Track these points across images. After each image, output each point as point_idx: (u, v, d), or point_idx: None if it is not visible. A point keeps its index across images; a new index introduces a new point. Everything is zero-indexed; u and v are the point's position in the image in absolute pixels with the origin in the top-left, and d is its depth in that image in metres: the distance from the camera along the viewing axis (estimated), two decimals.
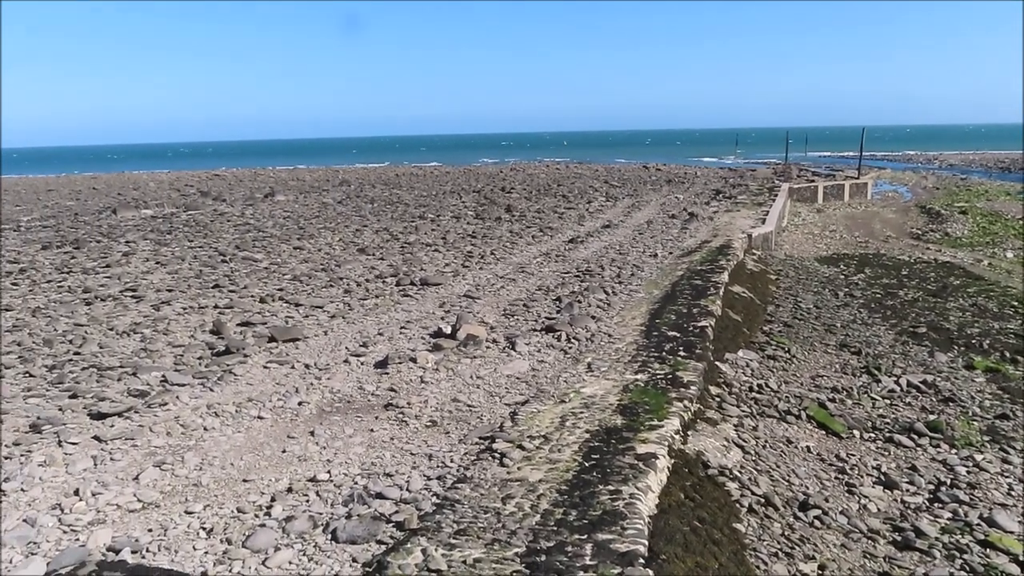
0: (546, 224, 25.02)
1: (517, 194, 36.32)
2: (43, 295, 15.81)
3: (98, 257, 20.45)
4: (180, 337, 12.33)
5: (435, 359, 10.47)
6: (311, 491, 6.76)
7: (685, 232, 22.22)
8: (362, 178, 53.73)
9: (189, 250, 21.32)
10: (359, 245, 21.49)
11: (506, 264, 18.05)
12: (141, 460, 7.59)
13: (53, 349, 11.72)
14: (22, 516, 6.48)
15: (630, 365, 9.66)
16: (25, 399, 9.49)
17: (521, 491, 6.26)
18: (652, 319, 12.00)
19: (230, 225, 27.02)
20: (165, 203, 36.30)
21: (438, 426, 8.23)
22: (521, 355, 10.62)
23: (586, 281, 15.44)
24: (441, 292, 15.14)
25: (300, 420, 8.61)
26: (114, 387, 9.83)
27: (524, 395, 9.04)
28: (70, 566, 5.44)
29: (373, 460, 7.38)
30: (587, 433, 7.43)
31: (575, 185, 40.93)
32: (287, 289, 15.78)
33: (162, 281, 16.93)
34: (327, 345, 11.63)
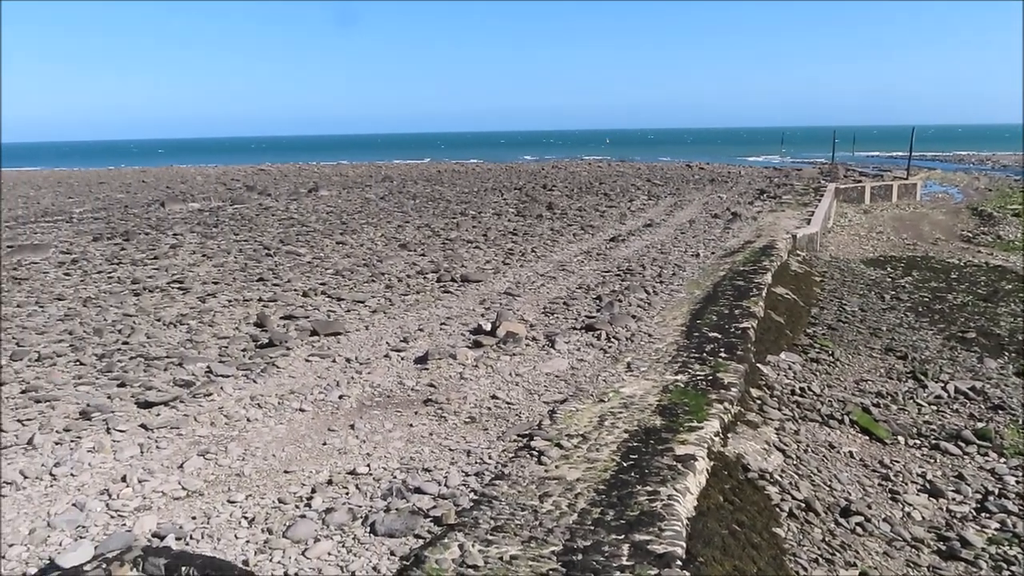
0: (587, 222, 24.93)
1: (559, 192, 36.25)
2: (94, 285, 16.22)
3: (147, 249, 20.92)
4: (225, 329, 12.56)
5: (475, 356, 10.51)
6: (351, 484, 6.84)
7: (728, 232, 21.97)
8: (404, 174, 54.13)
9: (234, 243, 21.69)
10: (401, 241, 21.64)
11: (547, 262, 18.03)
12: (186, 449, 7.75)
13: (103, 338, 12.02)
14: (71, 500, 6.67)
15: (670, 365, 9.59)
16: (76, 386, 9.76)
17: (559, 489, 6.26)
18: (693, 319, 11.90)
19: (274, 219, 27.42)
20: (212, 197, 36.98)
21: (477, 423, 8.26)
22: (560, 353, 10.60)
23: (627, 280, 15.35)
24: (481, 289, 15.19)
25: (341, 413, 8.71)
26: (161, 377, 10.06)
27: (563, 393, 9.02)
28: (117, 550, 5.58)
29: (412, 455, 7.44)
30: (626, 433, 7.40)
31: (617, 183, 40.72)
32: (329, 283, 15.97)
33: (208, 274, 17.25)
34: (368, 340, 11.74)
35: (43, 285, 16.34)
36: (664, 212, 27.87)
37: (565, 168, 57.52)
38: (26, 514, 6.45)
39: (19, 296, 15.27)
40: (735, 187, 38.03)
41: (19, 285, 16.35)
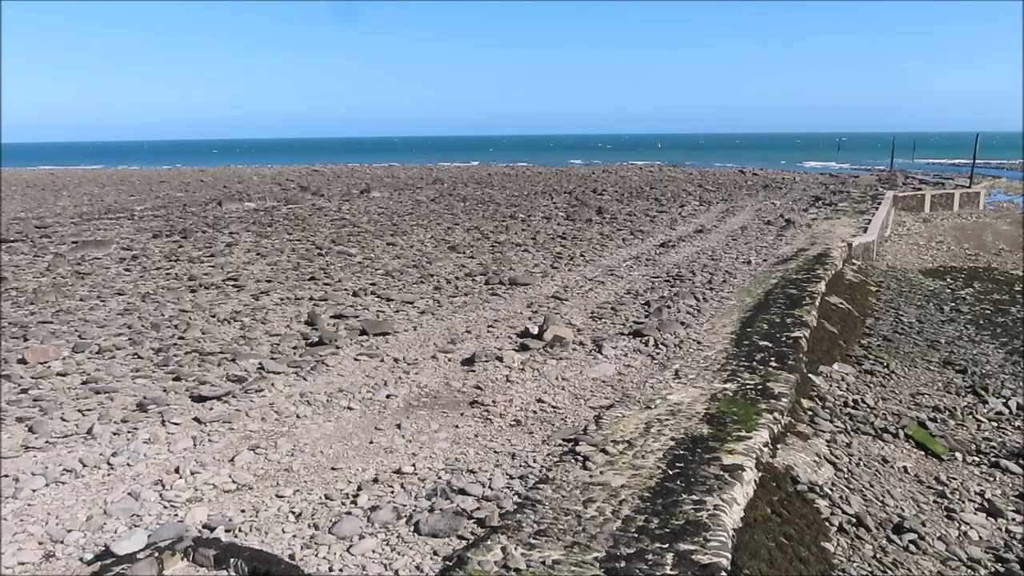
0: (637, 227, 24.77)
1: (608, 196, 36.09)
2: (152, 281, 16.68)
3: (203, 247, 21.43)
4: (277, 326, 12.79)
5: (521, 359, 10.52)
6: (396, 483, 6.90)
7: (781, 239, 21.60)
8: (455, 177, 54.47)
9: (288, 243, 22.08)
10: (450, 243, 21.78)
11: (595, 266, 17.96)
12: (237, 443, 7.91)
13: (160, 333, 12.35)
14: (127, 489, 6.86)
15: (719, 374, 9.46)
16: (133, 379, 10.05)
17: (603, 495, 6.22)
18: (743, 327, 11.72)
19: (327, 220, 27.84)
20: (267, 196, 37.71)
21: (522, 426, 8.27)
22: (607, 359, 10.55)
23: (676, 286, 15.20)
24: (529, 292, 15.19)
25: (388, 412, 8.80)
26: (214, 372, 10.29)
27: (609, 399, 8.97)
28: (169, 539, 5.72)
29: (457, 456, 7.47)
30: (672, 441, 7.32)
31: (668, 188, 40.38)
32: (379, 284, 16.15)
33: (262, 272, 17.60)
34: (416, 340, 11.84)
35: (104, 280, 16.86)
36: (715, 218, 27.53)
37: (615, 172, 57.26)
38: (84, 501, 6.66)
39: (82, 290, 15.79)
40: (789, 193, 37.38)
41: (82, 280, 16.90)
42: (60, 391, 9.61)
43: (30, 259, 19.84)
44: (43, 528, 6.20)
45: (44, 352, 10.92)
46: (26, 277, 17.32)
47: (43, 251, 21.05)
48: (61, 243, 22.52)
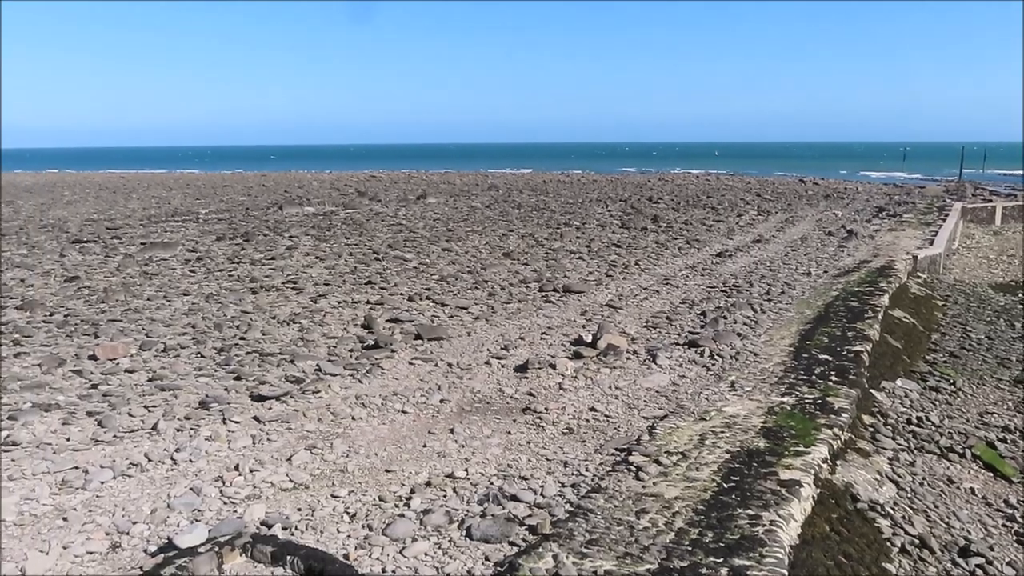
0: (693, 236, 24.50)
1: (664, 204, 35.79)
2: (216, 283, 17.13)
3: (264, 250, 21.93)
4: (334, 329, 13.01)
5: (574, 367, 10.50)
6: (448, 487, 6.95)
7: (842, 250, 21.11)
8: (510, 183, 54.66)
9: (345, 247, 22.45)
10: (505, 249, 21.87)
11: (650, 275, 17.82)
12: (294, 443, 8.07)
13: (222, 333, 12.68)
14: (189, 485, 7.06)
15: (776, 387, 9.29)
16: (196, 377, 10.34)
17: (656, 507, 6.16)
18: (802, 340, 11.49)
19: (384, 225, 28.22)
20: (326, 201, 38.41)
21: (575, 434, 8.25)
22: (662, 368, 10.45)
23: (733, 297, 14.98)
24: (583, 300, 15.15)
25: (441, 417, 8.87)
26: (273, 372, 10.52)
27: (663, 409, 8.89)
28: (228, 535, 5.86)
29: (509, 462, 7.49)
30: (727, 454, 7.21)
31: (725, 197, 39.84)
32: (434, 289, 16.30)
33: (320, 275, 17.92)
34: (470, 346, 11.91)
35: (171, 280, 17.39)
36: (774, 228, 27.06)
37: (672, 180, 56.74)
38: (148, 495, 6.88)
39: (149, 290, 16.31)
40: (851, 204, 36.52)
41: (150, 280, 17.46)
42: (128, 387, 9.94)
43: (101, 259, 20.58)
44: (110, 519, 6.42)
45: (113, 349, 11.32)
46: (97, 276, 17.97)
47: (114, 252, 21.83)
48: (130, 244, 23.32)
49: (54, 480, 7.18)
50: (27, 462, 7.58)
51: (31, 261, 20.34)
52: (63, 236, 25.55)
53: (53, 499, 6.83)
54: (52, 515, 6.54)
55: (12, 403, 9.31)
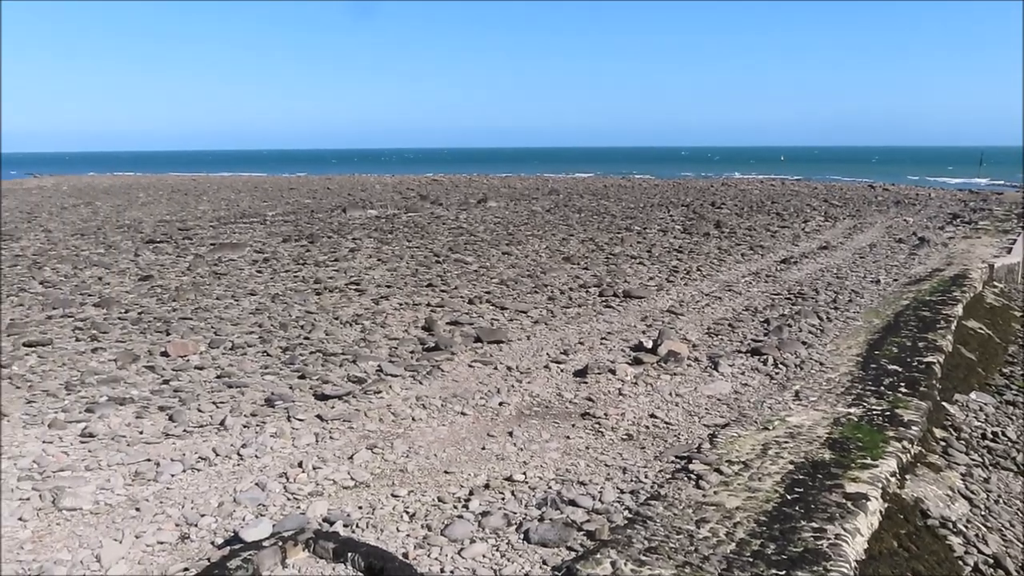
0: (757, 242, 24.07)
1: (727, 210, 35.24)
2: (281, 283, 17.54)
3: (328, 252, 22.36)
4: (395, 331, 13.19)
5: (634, 372, 10.42)
6: (507, 490, 6.98)
7: (913, 258, 20.46)
8: (571, 188, 54.55)
9: (407, 249, 22.73)
10: (564, 254, 21.84)
11: (712, 281, 17.57)
12: (356, 442, 8.21)
13: (287, 332, 12.97)
14: (255, 480, 7.24)
15: (843, 397, 9.06)
16: (262, 375, 10.60)
17: (716, 516, 6.08)
18: (870, 350, 11.18)
19: (444, 228, 28.48)
20: (388, 204, 38.96)
21: (634, 440, 8.19)
22: (723, 376, 10.30)
23: (798, 304, 14.67)
24: (644, 306, 15.03)
25: (500, 420, 8.91)
26: (336, 372, 10.72)
27: (724, 418, 8.76)
28: (292, 530, 6.00)
29: (568, 467, 7.48)
30: (791, 464, 7.07)
31: (790, 203, 39.02)
32: (494, 292, 16.38)
33: (382, 277, 18.19)
34: (529, 349, 11.93)
35: (238, 281, 17.88)
36: (842, 234, 26.38)
37: (735, 186, 55.83)
38: (216, 488, 7.09)
39: (218, 289, 16.80)
40: (923, 210, 35.36)
41: (218, 280, 17.98)
42: (197, 384, 10.26)
43: (173, 259, 21.29)
44: (180, 511, 6.64)
45: (184, 346, 11.69)
46: (169, 276, 18.59)
47: (185, 252, 22.55)
48: (201, 245, 24.05)
49: (128, 471, 7.45)
50: (103, 453, 7.90)
51: (108, 260, 21.17)
52: (138, 236, 26.50)
53: (127, 490, 7.10)
54: (126, 505, 6.80)
55: (90, 396, 9.71)
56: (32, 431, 8.54)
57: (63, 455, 7.87)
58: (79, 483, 7.15)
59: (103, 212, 36.98)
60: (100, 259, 21.39)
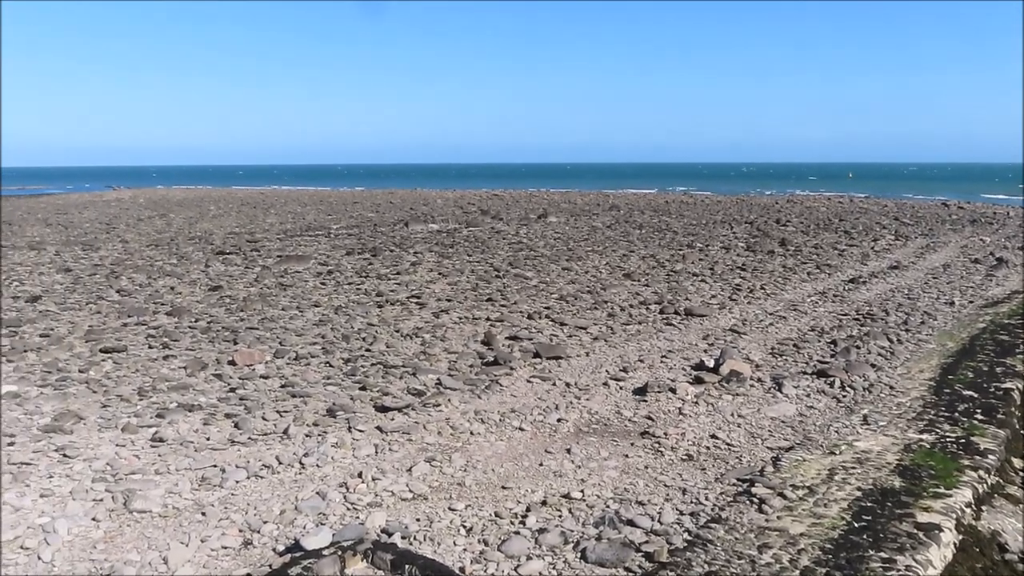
0: (824, 261, 23.51)
1: (793, 227, 34.54)
2: (344, 295, 17.86)
3: (390, 265, 22.69)
4: (455, 344, 13.27)
5: (695, 392, 10.26)
6: (564, 507, 6.93)
7: (991, 280, 19.69)
8: (631, 203, 54.26)
9: (467, 264, 22.90)
10: (625, 270, 21.69)
11: (776, 300, 17.22)
12: (414, 454, 8.27)
13: (349, 344, 13.18)
14: (316, 489, 7.35)
15: (914, 423, 8.75)
16: (324, 385, 10.78)
17: (780, 542, 5.92)
18: (944, 374, 10.78)
19: (505, 243, 28.61)
20: (449, 219, 39.36)
21: (694, 461, 8.05)
22: (788, 398, 10.06)
23: (867, 325, 14.25)
24: (705, 324, 14.81)
25: (558, 436, 8.87)
26: (396, 384, 10.83)
27: (788, 441, 8.54)
28: (351, 540, 6.06)
29: (626, 486, 7.40)
30: (858, 491, 6.85)
31: (859, 221, 38.03)
32: (553, 308, 16.36)
33: (442, 291, 18.35)
34: (588, 366, 11.87)
35: (303, 292, 18.26)
36: (913, 254, 25.58)
37: (800, 203, 54.71)
38: (278, 496, 7.22)
39: (284, 300, 17.19)
40: (1002, 229, 34.04)
41: (284, 291, 18.40)
42: (262, 392, 10.49)
43: (242, 270, 21.89)
44: (243, 517, 6.78)
45: (250, 355, 11.98)
46: (237, 286, 19.11)
47: (253, 263, 23.16)
48: (268, 257, 24.68)
49: (195, 476, 7.66)
50: (172, 458, 8.13)
51: (180, 270, 21.89)
52: (208, 248, 27.35)
53: (193, 494, 7.29)
54: (192, 509, 6.98)
55: (160, 402, 10.03)
56: (106, 434, 8.85)
57: (135, 458, 8.14)
58: (149, 486, 7.37)
59: (176, 224, 38.29)
60: (173, 269, 22.13)
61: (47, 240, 30.65)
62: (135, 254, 25.88)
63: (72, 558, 6.12)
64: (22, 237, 31.91)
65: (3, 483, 7.46)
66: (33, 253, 26.25)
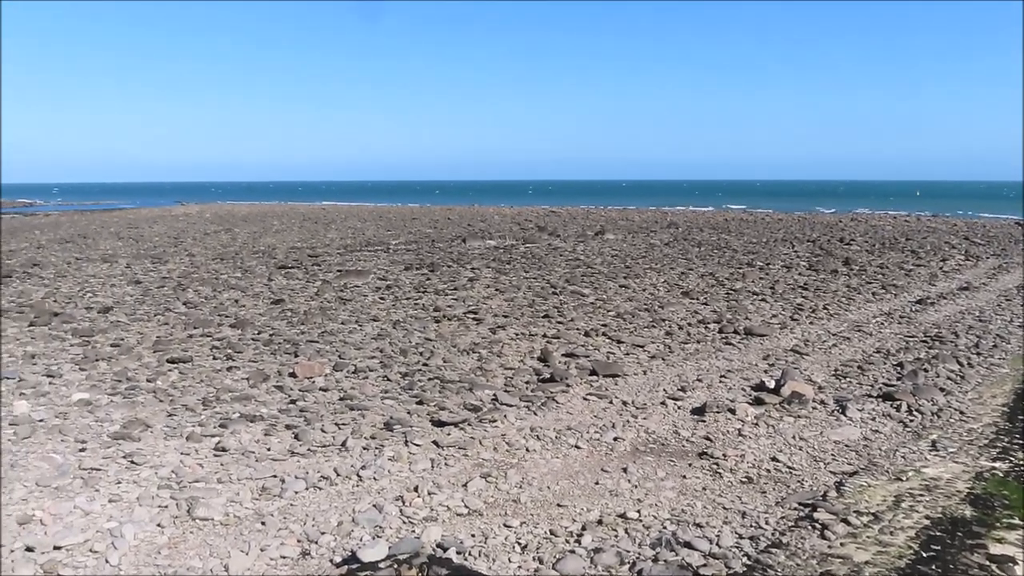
0: (889, 281, 22.86)
1: (857, 246, 33.70)
2: (402, 310, 18.06)
3: (448, 280, 22.87)
4: (511, 360, 13.29)
5: (755, 413, 10.06)
6: (620, 527, 6.86)
7: None
8: (690, 221, 53.70)
9: (524, 280, 22.95)
10: (683, 288, 21.46)
11: (840, 321, 16.80)
12: (470, 469, 8.29)
13: (407, 358, 13.31)
14: (372, 501, 7.43)
15: (986, 450, 8.42)
16: (382, 399, 10.90)
17: (843, 570, 5.76)
18: (1018, 400, 10.36)
19: (562, 259, 28.59)
20: (506, 235, 39.53)
21: (754, 483, 7.89)
22: (852, 421, 9.78)
23: (935, 348, 13.79)
24: (766, 344, 14.53)
25: (614, 455, 8.79)
26: (453, 399, 10.88)
27: (852, 465, 8.31)
28: (407, 553, 6.10)
29: (684, 507, 7.28)
30: (927, 520, 6.62)
31: (926, 240, 36.91)
32: (610, 325, 16.26)
33: (499, 307, 18.41)
34: (645, 384, 11.75)
35: (362, 306, 18.53)
36: (985, 275, 24.68)
37: (866, 221, 53.37)
38: (336, 507, 7.32)
39: (343, 314, 17.47)
40: None
41: (344, 305, 18.71)
42: (321, 405, 10.67)
43: (303, 284, 22.34)
44: (302, 527, 6.89)
45: (311, 368, 12.20)
46: (299, 300, 19.50)
47: (313, 278, 23.63)
48: (328, 271, 25.14)
49: (255, 486, 7.81)
50: (233, 467, 8.32)
51: (244, 284, 22.46)
52: (271, 262, 28.00)
53: (254, 503, 7.44)
54: (252, 518, 7.12)
55: (223, 412, 10.28)
56: (172, 442, 9.11)
57: (198, 467, 8.35)
58: (211, 494, 7.55)
59: (240, 238, 39.33)
60: (237, 283, 22.72)
61: (119, 253, 31.82)
62: (201, 267, 26.66)
63: (138, 563, 6.30)
64: (96, 250, 33.21)
65: (75, 487, 7.74)
66: (106, 265, 27.27)
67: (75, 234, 42.76)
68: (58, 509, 7.16)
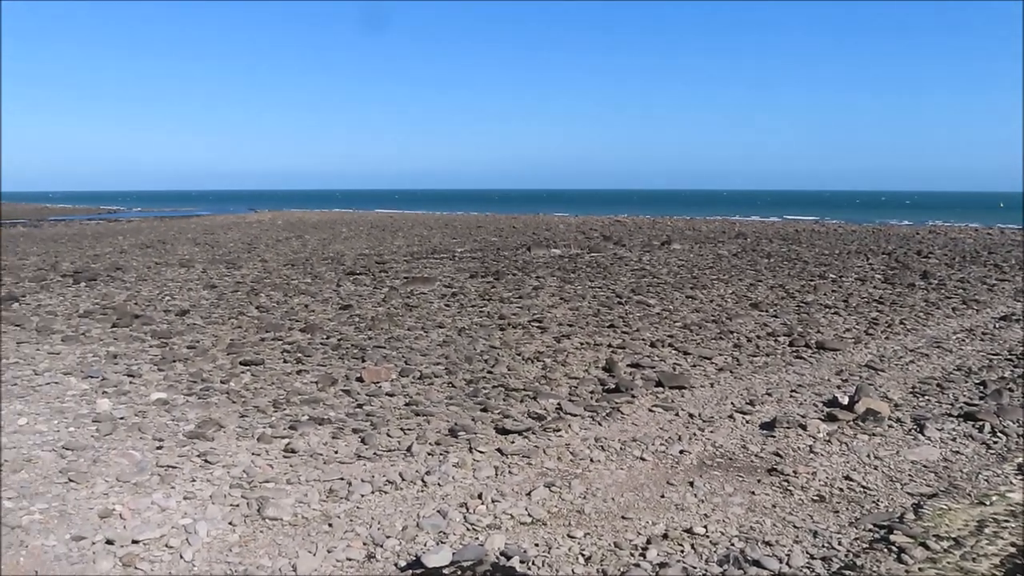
0: (971, 296, 21.95)
1: (936, 259, 32.49)
2: (468, 317, 18.17)
3: (513, 288, 22.92)
4: (575, 370, 13.23)
5: (828, 429, 9.77)
6: (686, 542, 6.74)
7: None
8: (758, 231, 52.65)
9: (589, 289, 22.83)
10: (752, 300, 21.02)
11: (917, 336, 16.20)
12: (534, 478, 8.27)
13: (472, 366, 13.38)
14: (437, 507, 7.47)
15: None
16: (447, 406, 10.98)
17: None
18: None
19: (627, 269, 28.36)
20: (571, 244, 39.42)
21: (826, 502, 7.65)
22: (931, 441, 9.41)
23: (1021, 367, 13.17)
24: (839, 358, 14.11)
25: (680, 468, 8.65)
26: (517, 407, 10.89)
27: (931, 487, 7.98)
28: (471, 560, 6.12)
29: (752, 524, 7.11)
30: (1012, 547, 6.30)
31: (1011, 254, 35.32)
32: (677, 336, 16.04)
33: (564, 316, 18.36)
34: (712, 397, 11.54)
35: (428, 313, 18.72)
36: None
37: (944, 234, 51.43)
38: (401, 512, 7.39)
39: (409, 320, 17.68)
40: None
41: (410, 311, 18.93)
42: (388, 410, 10.80)
43: (370, 290, 22.71)
44: (367, 530, 6.98)
45: (377, 373, 12.38)
46: (366, 306, 19.82)
47: (381, 284, 23.99)
48: (395, 278, 25.50)
49: (323, 488, 7.95)
50: (302, 469, 8.49)
51: (314, 289, 22.95)
52: (340, 268, 28.55)
53: (321, 505, 7.57)
54: (320, 520, 7.25)
55: (293, 415, 10.51)
56: (244, 443, 9.35)
57: (268, 467, 8.54)
58: (281, 495, 7.71)
59: (311, 245, 40.23)
60: (307, 288, 23.23)
61: (196, 258, 32.92)
62: (273, 273, 27.36)
63: (210, 559, 6.48)
64: (174, 255, 34.44)
65: (152, 484, 8.00)
66: (183, 270, 28.24)
67: (155, 239, 44.43)
68: (136, 504, 7.42)
